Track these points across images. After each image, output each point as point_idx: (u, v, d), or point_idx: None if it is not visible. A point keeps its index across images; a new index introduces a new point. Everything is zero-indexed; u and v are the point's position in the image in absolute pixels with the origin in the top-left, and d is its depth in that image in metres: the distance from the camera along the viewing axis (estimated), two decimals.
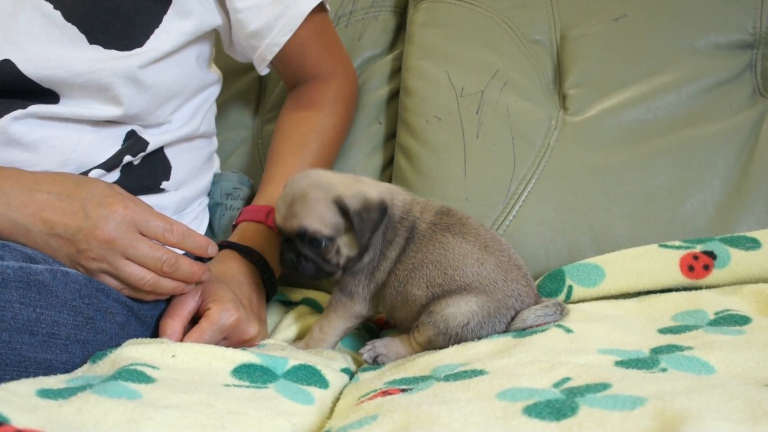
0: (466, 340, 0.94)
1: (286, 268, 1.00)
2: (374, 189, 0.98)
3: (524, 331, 0.93)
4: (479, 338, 0.94)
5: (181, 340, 0.97)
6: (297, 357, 0.93)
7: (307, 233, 0.96)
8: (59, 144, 1.01)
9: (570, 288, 1.06)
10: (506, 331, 0.96)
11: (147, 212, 0.95)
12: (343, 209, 0.94)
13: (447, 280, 0.95)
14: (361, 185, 0.98)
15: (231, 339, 1.02)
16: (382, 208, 0.96)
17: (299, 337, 1.10)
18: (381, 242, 0.98)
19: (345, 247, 0.97)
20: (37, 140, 0.99)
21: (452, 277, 0.95)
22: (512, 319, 0.96)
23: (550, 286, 1.08)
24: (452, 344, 0.94)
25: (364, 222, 0.94)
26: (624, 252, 1.08)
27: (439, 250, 0.96)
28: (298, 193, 0.96)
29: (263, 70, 1.24)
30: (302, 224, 0.96)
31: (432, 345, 0.96)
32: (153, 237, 0.94)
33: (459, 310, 0.94)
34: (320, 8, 1.21)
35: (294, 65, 1.26)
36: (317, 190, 0.96)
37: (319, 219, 0.95)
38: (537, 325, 0.95)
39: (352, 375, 0.99)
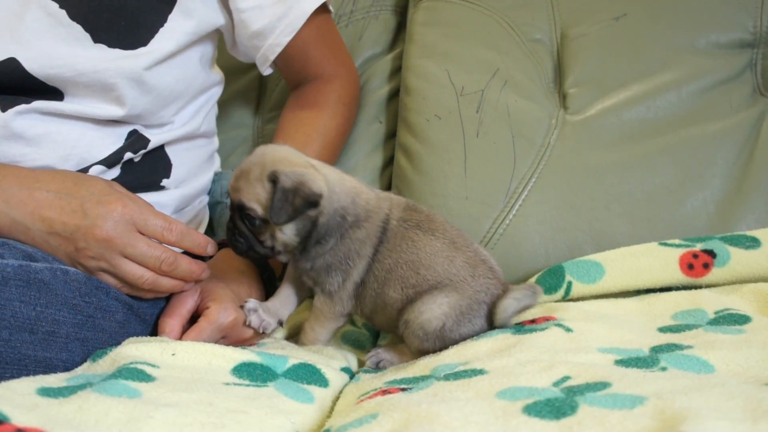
0: (450, 340, 0.94)
1: (226, 237, 1.00)
2: (329, 182, 0.95)
3: (524, 329, 0.93)
4: (461, 335, 0.94)
5: (180, 339, 0.97)
6: (297, 356, 0.93)
7: (243, 209, 0.95)
8: (61, 139, 1.01)
9: (569, 284, 1.06)
10: (492, 326, 0.96)
11: (146, 211, 0.95)
12: (275, 186, 0.92)
13: (420, 281, 0.95)
14: (314, 173, 0.94)
15: (229, 338, 1.02)
16: (311, 201, 0.92)
17: (290, 336, 1.10)
18: (337, 239, 0.96)
19: (281, 233, 0.95)
20: (39, 135, 0.99)
21: (425, 276, 0.95)
22: (489, 311, 0.96)
23: (550, 281, 1.08)
24: (440, 344, 0.94)
25: (285, 202, 0.90)
26: (624, 249, 1.08)
27: (412, 249, 0.96)
28: (245, 167, 0.95)
29: (266, 71, 1.23)
30: (240, 199, 0.94)
31: (424, 351, 0.96)
32: (152, 236, 0.94)
33: (432, 314, 0.93)
34: (323, 9, 1.21)
35: (296, 65, 1.26)
36: (259, 166, 0.94)
37: (256, 198, 0.93)
38: (518, 312, 0.96)
39: (352, 374, 0.99)
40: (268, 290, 1.13)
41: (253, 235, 0.96)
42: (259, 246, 0.97)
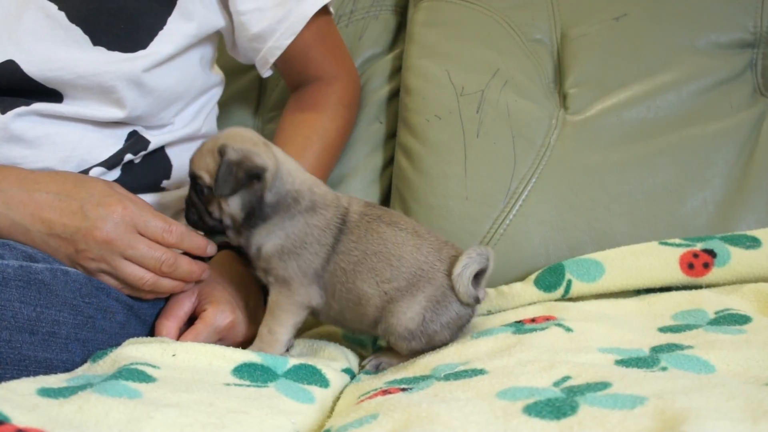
0: (434, 332, 0.93)
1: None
2: (281, 164, 0.96)
3: (524, 329, 0.93)
4: (443, 324, 0.93)
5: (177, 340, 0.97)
6: (298, 357, 0.93)
7: (194, 178, 0.97)
8: (61, 141, 1.01)
9: (569, 282, 1.06)
10: (462, 303, 0.94)
11: (146, 212, 0.95)
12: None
13: (394, 273, 0.94)
14: (264, 150, 0.96)
15: (226, 340, 1.02)
16: (253, 173, 0.93)
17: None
18: (286, 219, 0.95)
19: (226, 205, 0.95)
20: (38, 137, 0.99)
21: (398, 268, 0.94)
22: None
23: (550, 279, 1.08)
24: (425, 339, 0.94)
25: (229, 175, 0.92)
26: (624, 248, 1.08)
27: (379, 241, 0.96)
28: (205, 142, 0.98)
29: (265, 73, 1.23)
30: (192, 169, 0.97)
31: (415, 351, 0.95)
32: (152, 237, 0.94)
33: (409, 314, 0.93)
34: (323, 11, 1.21)
35: (297, 68, 1.26)
36: (213, 140, 0.96)
37: (206, 168, 0.95)
38: (473, 273, 0.93)
39: (353, 375, 0.99)
40: (265, 293, 1.13)
41: (204, 205, 0.97)
42: (208, 217, 0.98)
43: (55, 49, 0.98)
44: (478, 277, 0.95)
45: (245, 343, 1.02)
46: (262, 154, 0.95)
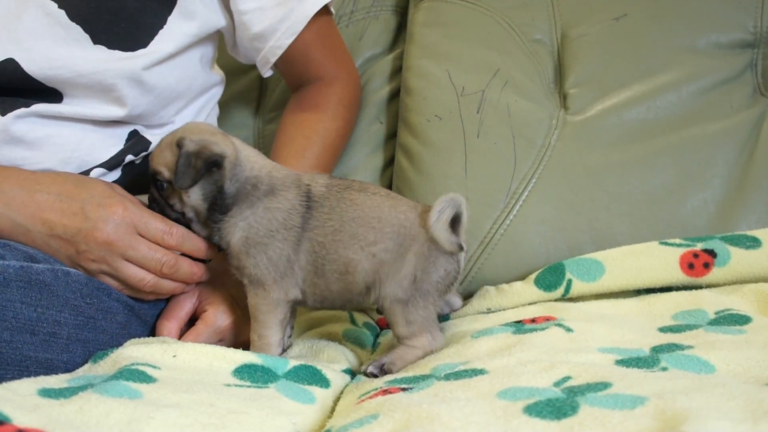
0: (426, 291, 0.92)
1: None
2: (240, 151, 0.96)
3: (524, 329, 0.93)
4: (432, 282, 0.92)
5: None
6: (298, 358, 0.93)
7: (154, 174, 0.97)
8: (61, 142, 1.01)
9: (569, 282, 1.06)
10: (446, 256, 0.93)
11: (146, 214, 0.95)
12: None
13: (378, 235, 0.93)
14: (222, 138, 0.96)
15: (227, 341, 1.02)
16: (212, 161, 0.93)
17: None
18: (247, 208, 0.94)
19: (187, 197, 0.95)
20: (39, 138, 0.99)
21: (381, 229, 0.93)
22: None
23: (550, 279, 1.08)
24: (420, 298, 0.92)
25: (188, 167, 0.92)
26: (624, 248, 1.08)
27: (353, 207, 0.94)
28: (163, 137, 0.98)
29: (266, 72, 1.23)
30: (151, 165, 0.97)
31: (413, 323, 0.93)
32: (152, 239, 0.94)
33: (401, 274, 0.92)
34: (324, 11, 1.21)
35: (297, 68, 1.26)
36: (171, 135, 0.97)
37: (163, 161, 0.95)
38: (448, 220, 0.92)
39: (353, 375, 0.99)
40: None
41: (164, 199, 0.97)
42: (170, 210, 0.98)
43: (55, 47, 0.98)
44: (455, 226, 0.93)
45: (246, 344, 1.02)
46: (220, 142, 0.95)
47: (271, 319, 0.97)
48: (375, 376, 0.92)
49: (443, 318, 1.12)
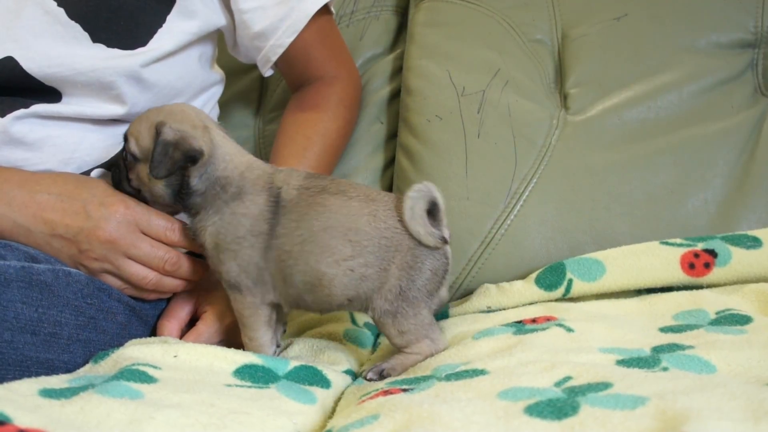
0: (414, 298, 0.88)
1: None
2: (217, 148, 0.93)
3: (525, 329, 0.93)
4: (419, 288, 0.88)
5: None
6: (298, 358, 0.93)
7: (125, 141, 0.96)
8: (61, 143, 1.01)
9: (570, 282, 1.06)
10: (432, 254, 0.90)
11: (148, 211, 0.95)
12: (158, 137, 0.91)
13: (357, 249, 0.87)
14: (201, 134, 0.92)
15: (227, 341, 1.02)
16: (190, 155, 0.90)
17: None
18: (215, 211, 0.92)
19: (147, 178, 0.93)
20: (39, 139, 0.99)
21: (359, 243, 0.87)
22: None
23: (551, 278, 1.08)
24: (409, 307, 0.88)
25: (165, 156, 0.89)
26: (625, 248, 1.08)
27: (326, 215, 0.88)
28: (149, 108, 0.97)
29: (267, 72, 1.23)
30: (127, 131, 0.96)
31: (406, 333, 0.90)
32: (154, 236, 0.94)
33: (385, 288, 0.88)
34: (325, 10, 1.21)
35: (298, 67, 1.26)
36: (156, 112, 0.95)
37: (136, 135, 0.94)
38: (421, 210, 0.88)
39: (355, 376, 0.99)
40: None
41: (125, 171, 0.96)
42: (126, 183, 0.97)
43: (54, 45, 0.98)
44: (434, 215, 0.89)
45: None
46: (199, 137, 0.92)
47: (256, 321, 0.95)
48: (375, 381, 0.91)
49: (441, 315, 1.12)
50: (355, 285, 0.89)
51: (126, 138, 0.95)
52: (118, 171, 0.98)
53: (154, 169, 0.90)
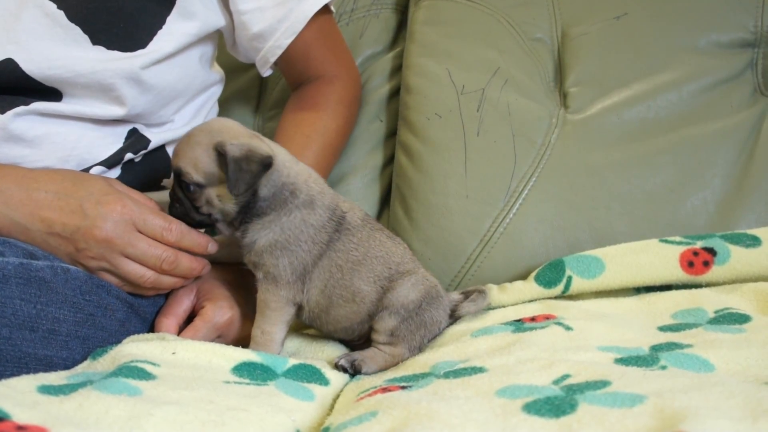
0: (422, 321, 0.97)
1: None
2: (277, 154, 0.95)
3: (523, 327, 0.93)
4: (432, 318, 0.98)
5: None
6: (296, 357, 0.93)
7: (179, 174, 0.95)
8: (61, 140, 1.01)
9: (569, 279, 1.06)
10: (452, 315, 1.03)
11: (145, 210, 0.95)
12: (222, 157, 0.91)
13: (392, 273, 0.98)
14: (258, 141, 0.95)
15: (225, 337, 1.02)
16: (265, 163, 0.92)
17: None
18: (281, 214, 0.95)
19: (217, 200, 0.94)
20: (38, 136, 0.99)
21: (396, 268, 0.98)
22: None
23: (550, 275, 1.08)
24: (414, 325, 0.96)
25: (242, 172, 0.90)
26: (624, 246, 1.08)
27: (381, 248, 0.99)
28: (189, 133, 0.96)
29: (265, 72, 1.23)
30: (177, 164, 0.95)
31: (395, 337, 0.96)
32: (151, 236, 0.94)
33: (412, 295, 0.97)
34: (324, 10, 1.21)
35: (297, 67, 1.25)
36: (204, 134, 0.94)
37: (193, 162, 0.93)
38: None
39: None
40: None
41: (190, 201, 0.96)
42: (195, 213, 0.96)
43: (54, 47, 0.98)
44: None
45: (244, 340, 1.02)
46: (261, 145, 0.94)
47: (278, 317, 0.97)
48: (345, 370, 0.95)
49: None
50: (379, 298, 0.97)
51: (179, 172, 0.94)
52: (180, 206, 0.97)
53: (235, 187, 0.91)
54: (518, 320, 0.98)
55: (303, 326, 1.16)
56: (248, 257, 0.98)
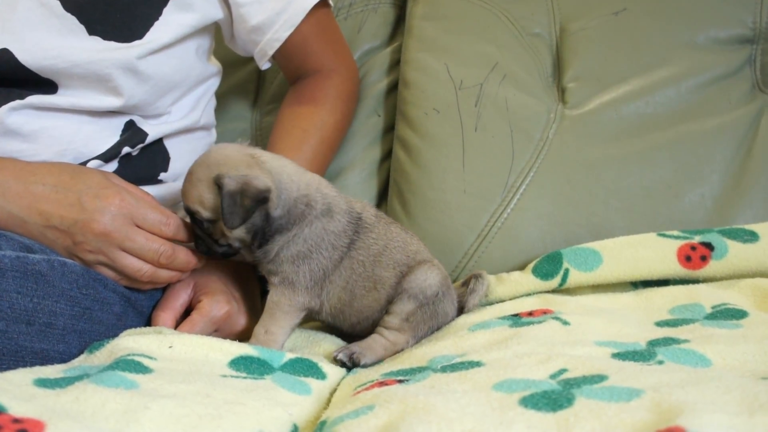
0: (434, 311, 0.98)
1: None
2: (279, 174, 0.95)
3: (521, 322, 0.93)
4: (444, 311, 1.00)
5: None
6: (294, 351, 0.93)
7: (191, 213, 0.95)
8: (57, 134, 1.00)
9: (566, 271, 1.06)
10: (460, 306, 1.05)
11: (143, 204, 0.95)
12: (222, 190, 0.91)
13: (410, 260, 1.00)
14: (257, 171, 0.93)
15: (222, 331, 1.02)
16: (259, 198, 0.91)
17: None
18: (302, 227, 0.95)
19: (230, 232, 0.94)
20: (35, 130, 0.99)
21: (413, 256, 1.01)
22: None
23: (547, 267, 1.08)
24: (429, 312, 0.98)
25: (236, 206, 0.90)
26: (622, 239, 1.08)
27: (398, 238, 1.01)
28: (191, 169, 0.96)
29: (264, 65, 1.23)
30: (186, 204, 0.95)
31: (408, 322, 0.97)
32: (149, 230, 0.94)
33: (433, 281, 0.98)
34: (323, 3, 1.20)
35: (295, 60, 1.25)
36: (203, 169, 0.94)
37: (199, 200, 0.93)
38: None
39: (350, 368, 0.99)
40: (263, 285, 1.13)
41: (209, 236, 0.96)
42: (217, 246, 0.97)
43: (50, 38, 0.98)
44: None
45: (241, 334, 1.02)
46: (260, 175, 0.93)
47: (287, 320, 0.98)
48: (343, 364, 0.95)
49: None
50: (398, 281, 0.99)
51: (190, 211, 0.95)
52: (203, 241, 0.97)
53: (229, 221, 0.91)
54: (515, 315, 0.98)
55: (300, 321, 1.16)
56: (265, 265, 0.98)
